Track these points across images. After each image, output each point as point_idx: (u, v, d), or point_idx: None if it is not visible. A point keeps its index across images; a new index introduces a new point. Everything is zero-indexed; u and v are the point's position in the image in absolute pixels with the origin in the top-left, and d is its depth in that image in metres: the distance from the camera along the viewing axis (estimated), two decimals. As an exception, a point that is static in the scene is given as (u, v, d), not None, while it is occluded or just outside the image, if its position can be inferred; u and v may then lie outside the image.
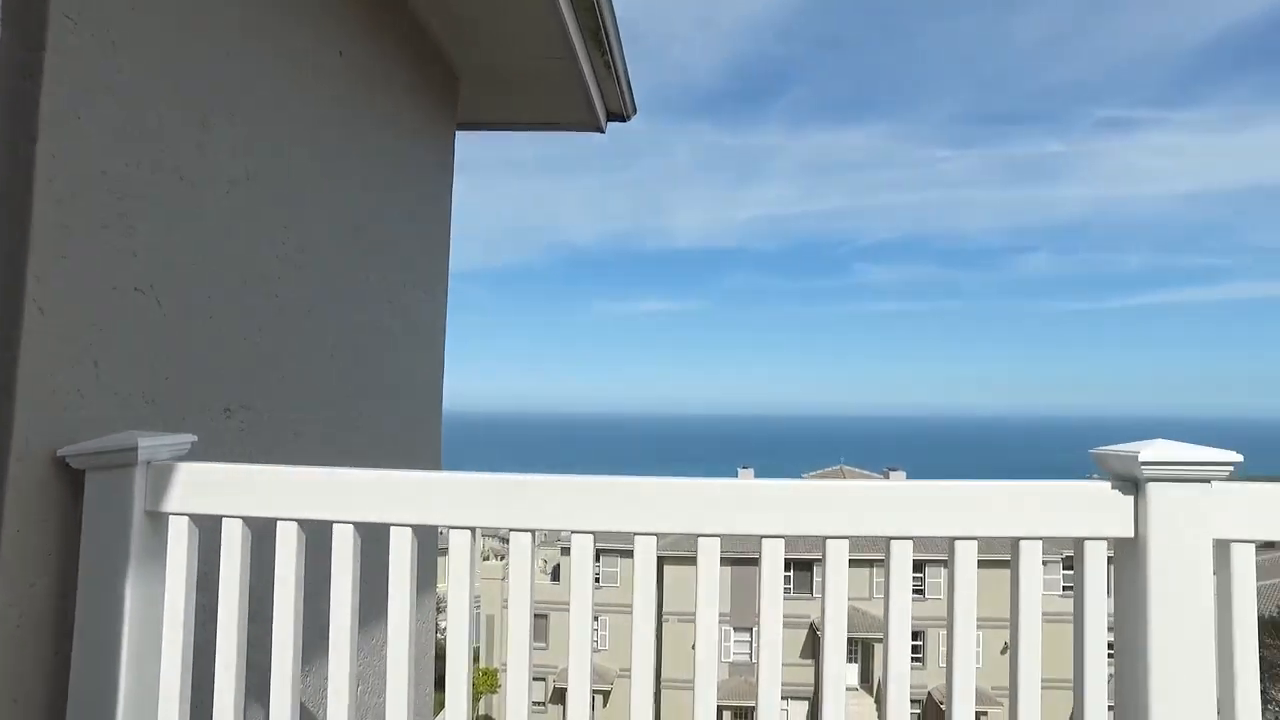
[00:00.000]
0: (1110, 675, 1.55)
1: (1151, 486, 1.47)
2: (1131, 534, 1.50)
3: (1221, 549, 1.51)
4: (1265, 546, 1.70)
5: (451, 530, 1.67)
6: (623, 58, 4.00)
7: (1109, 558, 1.58)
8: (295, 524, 1.71)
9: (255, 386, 2.38)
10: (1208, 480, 1.48)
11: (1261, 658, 1.67)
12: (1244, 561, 1.51)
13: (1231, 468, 1.46)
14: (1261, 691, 1.65)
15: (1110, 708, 1.56)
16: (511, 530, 1.65)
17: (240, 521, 1.74)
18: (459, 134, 4.09)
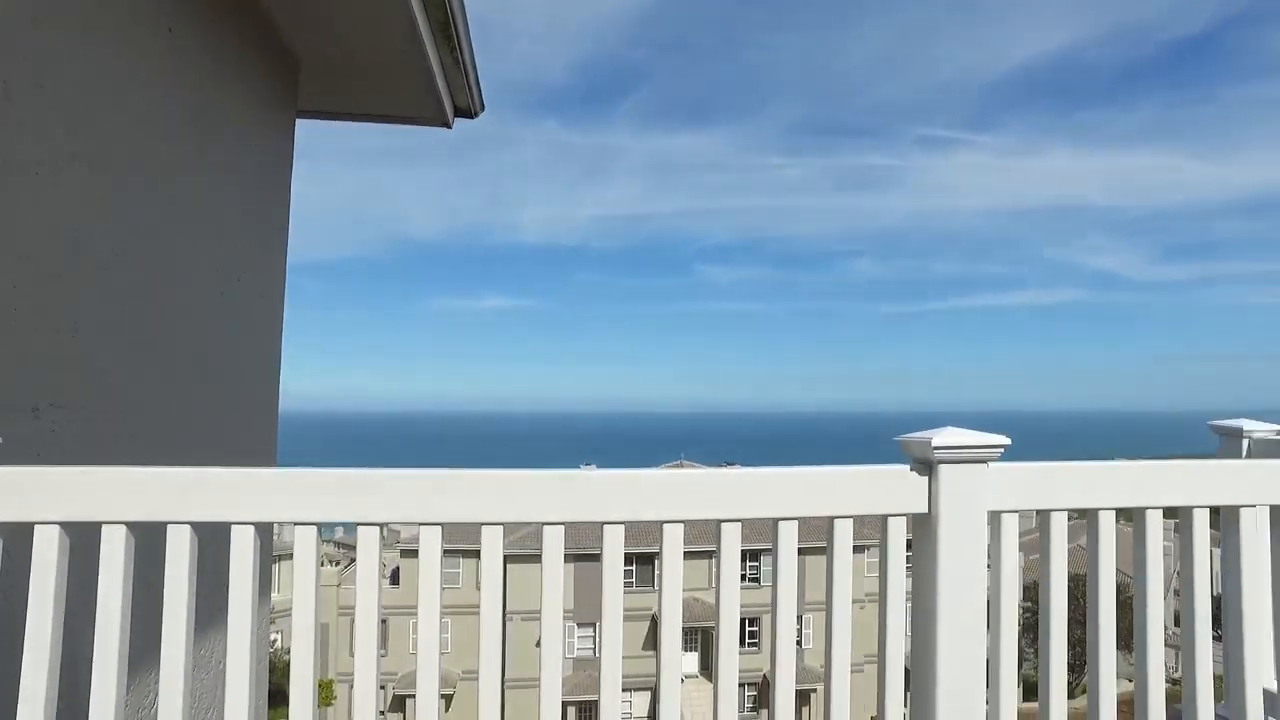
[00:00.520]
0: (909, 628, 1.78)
1: (942, 468, 1.71)
2: (926, 509, 1.74)
3: (994, 519, 1.77)
4: (1033, 528, 2.02)
5: (297, 527, 1.65)
6: (472, 54, 3.98)
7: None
8: (124, 527, 1.63)
9: (69, 384, 2.21)
10: (985, 461, 1.73)
11: (1034, 616, 1.97)
12: (1010, 529, 1.78)
13: (1002, 450, 1.72)
14: (1034, 646, 1.94)
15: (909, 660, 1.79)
16: (360, 524, 1.66)
17: (57, 528, 1.63)
18: (299, 121, 3.93)
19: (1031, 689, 2.15)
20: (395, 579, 36.15)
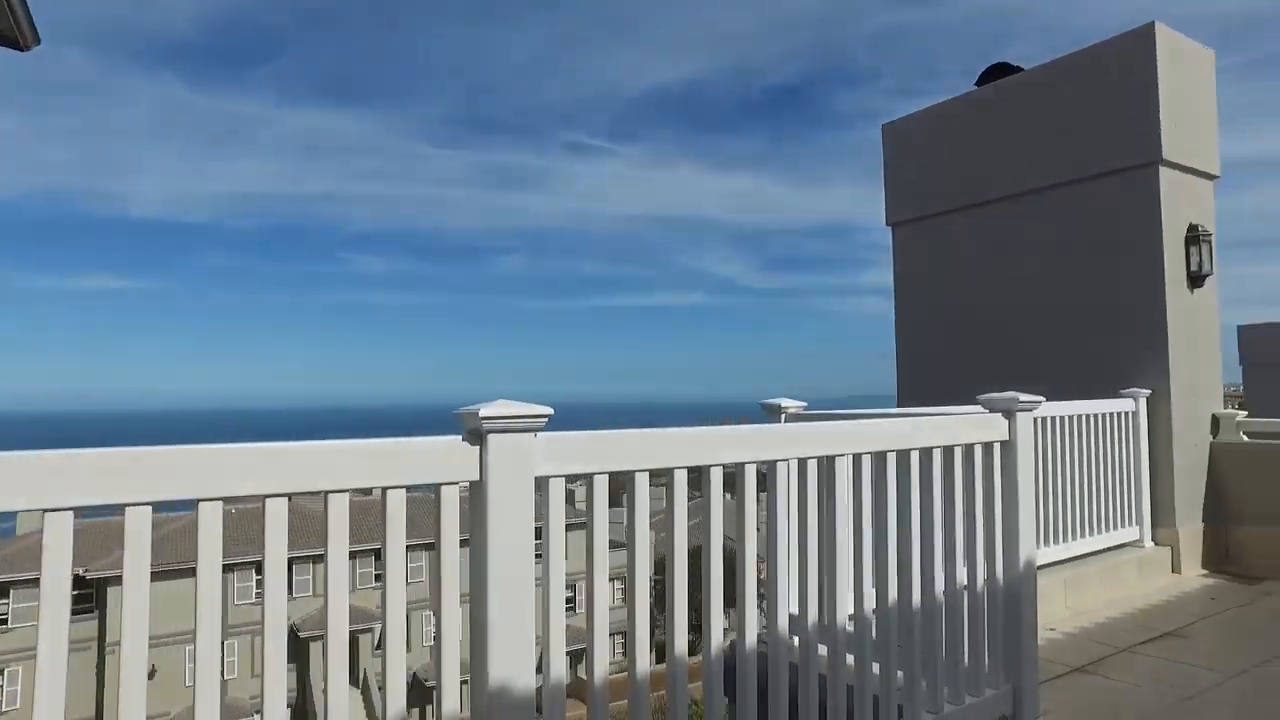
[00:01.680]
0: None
1: (491, 437, 1.83)
2: (478, 477, 1.84)
3: (543, 483, 1.95)
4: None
5: None
6: (15, -28, 3.32)
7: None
8: None
9: None
10: (532, 431, 1.89)
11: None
12: (557, 492, 1.97)
13: (546, 419, 1.89)
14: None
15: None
16: None
17: None
18: None
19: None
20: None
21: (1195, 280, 6.21)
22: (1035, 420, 5.31)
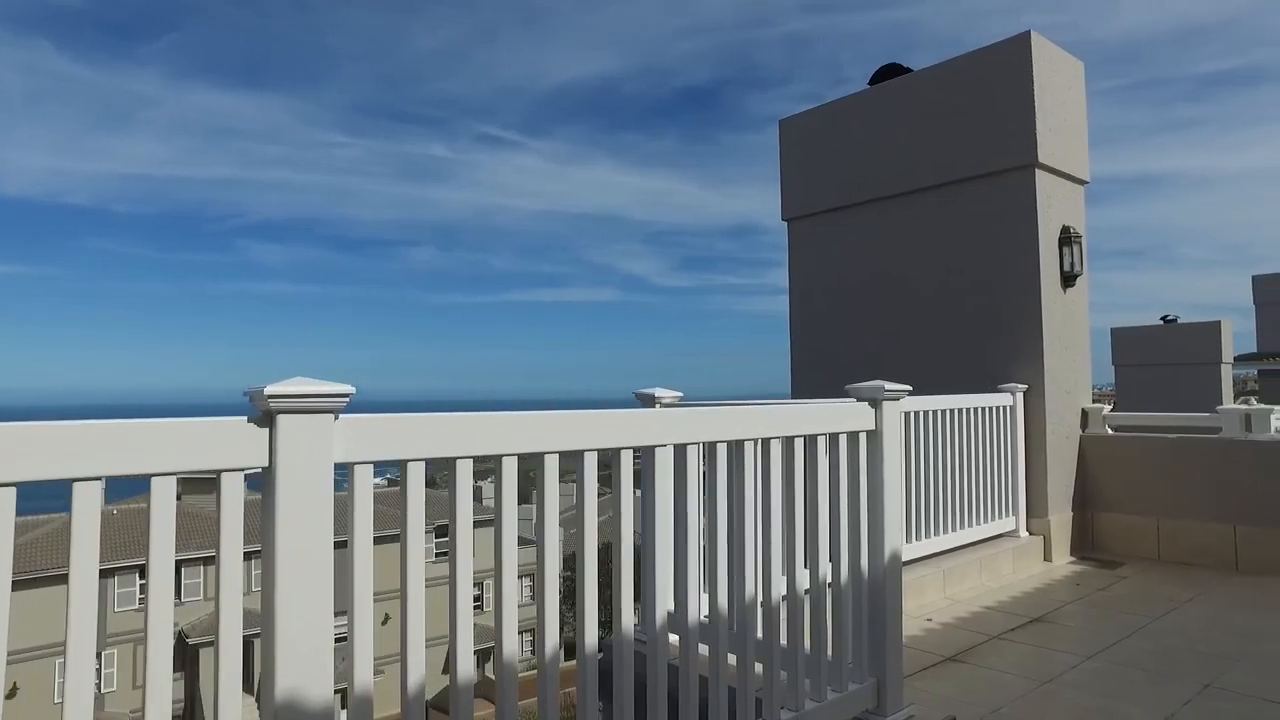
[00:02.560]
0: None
1: (281, 418, 1.64)
2: (267, 463, 1.65)
3: (347, 470, 1.77)
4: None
5: None
6: None
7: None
8: None
9: None
10: (332, 412, 1.71)
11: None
12: (363, 479, 1.79)
13: (348, 399, 1.71)
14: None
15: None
16: None
17: None
18: None
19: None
20: None
21: (1068, 280, 6.46)
22: (919, 414, 5.41)
